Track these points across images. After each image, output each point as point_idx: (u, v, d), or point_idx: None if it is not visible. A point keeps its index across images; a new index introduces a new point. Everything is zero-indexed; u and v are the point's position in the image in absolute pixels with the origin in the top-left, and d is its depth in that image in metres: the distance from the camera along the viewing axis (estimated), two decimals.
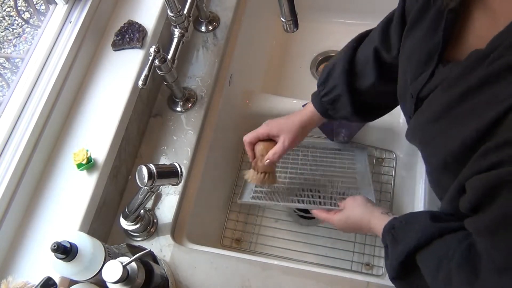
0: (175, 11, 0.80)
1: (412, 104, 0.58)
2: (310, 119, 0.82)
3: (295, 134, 0.82)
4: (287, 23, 0.70)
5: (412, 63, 0.57)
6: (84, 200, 0.73)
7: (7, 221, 0.70)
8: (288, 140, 0.82)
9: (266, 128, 0.84)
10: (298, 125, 0.82)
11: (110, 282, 0.59)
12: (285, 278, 0.74)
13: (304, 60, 1.29)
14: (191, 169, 0.88)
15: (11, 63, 1.43)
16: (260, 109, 1.09)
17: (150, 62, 0.75)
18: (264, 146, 0.84)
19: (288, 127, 0.82)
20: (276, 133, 0.83)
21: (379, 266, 0.95)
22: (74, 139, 0.80)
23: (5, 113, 0.75)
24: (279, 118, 0.85)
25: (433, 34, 0.53)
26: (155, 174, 0.65)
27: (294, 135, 0.82)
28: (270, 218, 1.04)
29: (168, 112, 0.93)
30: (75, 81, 0.83)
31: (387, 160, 1.07)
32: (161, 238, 0.80)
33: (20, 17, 1.82)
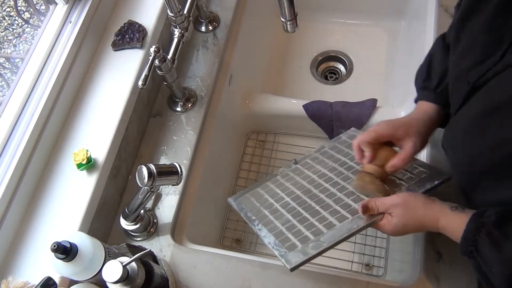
0: (175, 11, 0.80)
1: (464, 92, 0.55)
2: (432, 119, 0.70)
3: (425, 136, 0.70)
4: (287, 23, 0.70)
5: (476, 48, 0.55)
6: (84, 200, 0.73)
7: (7, 221, 0.70)
8: (419, 142, 0.68)
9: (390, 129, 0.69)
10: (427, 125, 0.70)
11: (110, 282, 0.59)
12: (285, 278, 0.74)
13: (304, 60, 1.29)
14: (191, 169, 0.88)
15: (11, 63, 1.43)
16: (260, 109, 1.09)
17: (150, 62, 0.75)
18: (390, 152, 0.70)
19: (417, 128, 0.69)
20: (403, 135, 0.69)
21: (379, 267, 0.95)
22: (74, 139, 0.80)
23: (5, 113, 0.75)
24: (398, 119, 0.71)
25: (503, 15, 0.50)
26: (155, 174, 0.65)
27: (423, 138, 0.69)
28: None
29: (168, 112, 0.93)
30: (75, 81, 0.83)
31: None
32: (161, 238, 0.80)
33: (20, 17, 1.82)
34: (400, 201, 0.64)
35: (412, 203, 0.64)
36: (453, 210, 0.60)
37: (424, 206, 0.63)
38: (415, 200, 0.64)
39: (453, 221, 0.59)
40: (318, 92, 1.22)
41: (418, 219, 0.63)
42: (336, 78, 1.26)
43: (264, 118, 1.10)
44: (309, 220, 0.71)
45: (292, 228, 0.71)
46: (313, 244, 0.66)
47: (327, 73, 1.28)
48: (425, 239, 0.75)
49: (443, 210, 0.61)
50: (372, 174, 0.69)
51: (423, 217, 0.62)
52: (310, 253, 0.65)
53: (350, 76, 1.24)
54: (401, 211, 0.64)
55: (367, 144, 0.70)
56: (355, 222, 0.67)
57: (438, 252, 0.74)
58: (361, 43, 1.28)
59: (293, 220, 0.72)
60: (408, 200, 0.64)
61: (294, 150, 1.10)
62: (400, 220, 0.63)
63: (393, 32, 1.26)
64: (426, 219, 0.62)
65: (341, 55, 1.27)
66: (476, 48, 0.55)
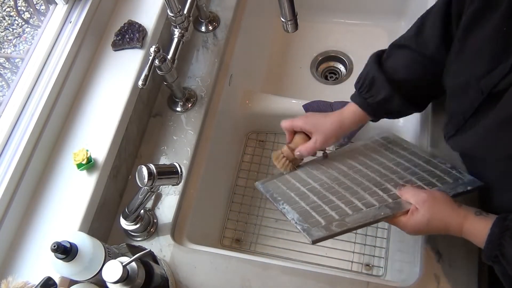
0: (175, 11, 0.80)
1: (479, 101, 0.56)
2: (350, 118, 0.79)
3: (329, 135, 0.80)
4: (287, 23, 0.70)
5: (483, 56, 0.55)
6: (84, 200, 0.73)
7: (7, 221, 0.70)
8: (319, 141, 0.79)
9: (302, 122, 0.81)
10: (334, 126, 0.80)
11: (110, 282, 0.59)
12: (285, 278, 0.74)
13: (304, 60, 1.29)
14: (191, 169, 0.88)
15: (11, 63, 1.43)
16: (260, 109, 1.09)
17: (150, 62, 0.75)
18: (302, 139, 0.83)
19: (323, 127, 0.80)
20: (309, 130, 0.81)
21: (379, 267, 0.95)
22: (74, 139, 0.80)
23: (5, 113, 0.75)
24: (319, 115, 0.83)
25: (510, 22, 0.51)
26: (155, 174, 0.65)
27: (327, 137, 0.80)
28: (270, 218, 1.04)
29: (168, 112, 0.93)
30: (75, 81, 0.83)
31: None
32: (161, 238, 0.80)
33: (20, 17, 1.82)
34: (429, 197, 0.65)
35: (441, 202, 0.64)
36: (477, 215, 0.60)
37: (451, 207, 0.63)
38: (444, 199, 0.64)
39: (477, 225, 0.59)
40: (318, 92, 1.22)
41: (443, 219, 0.63)
42: (336, 78, 1.26)
43: (264, 118, 1.10)
44: (334, 202, 0.71)
45: (317, 208, 0.71)
46: (337, 223, 0.66)
47: (327, 73, 1.28)
48: (425, 239, 0.75)
49: (468, 214, 0.61)
50: (281, 153, 0.83)
51: (448, 218, 0.62)
52: (334, 230, 0.65)
53: (350, 76, 1.24)
54: (428, 207, 0.64)
55: (286, 129, 0.83)
56: (382, 210, 0.67)
57: (438, 252, 0.74)
58: (361, 43, 1.28)
59: (319, 201, 0.72)
60: (438, 198, 0.65)
61: None
62: (425, 216, 0.63)
63: (393, 32, 1.26)
64: (451, 221, 0.62)
65: (341, 55, 1.28)
66: (484, 56, 0.55)
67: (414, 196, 0.66)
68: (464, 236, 0.62)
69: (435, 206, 0.64)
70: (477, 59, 0.57)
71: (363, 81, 0.77)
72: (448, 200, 0.65)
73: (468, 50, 0.60)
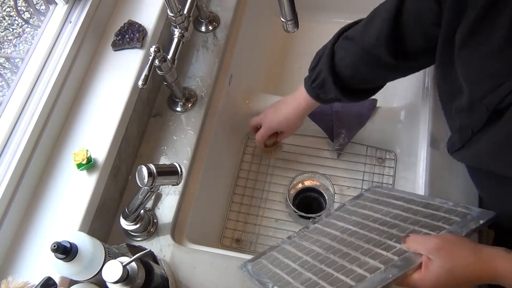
0: (175, 11, 0.80)
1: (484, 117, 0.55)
2: (306, 108, 0.89)
3: (295, 128, 0.96)
4: (287, 23, 0.70)
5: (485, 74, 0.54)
6: (84, 200, 0.73)
7: (7, 221, 0.70)
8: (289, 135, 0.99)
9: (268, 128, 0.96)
10: (297, 120, 0.92)
11: (110, 282, 0.59)
12: None
13: (304, 60, 1.29)
14: (191, 169, 0.88)
15: (11, 63, 1.43)
16: (260, 109, 1.09)
17: (150, 62, 0.75)
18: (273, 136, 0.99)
19: (288, 124, 0.94)
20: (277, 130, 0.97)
21: None
22: (74, 139, 0.80)
23: (5, 113, 0.75)
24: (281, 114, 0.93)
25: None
26: (155, 174, 0.65)
27: (293, 130, 0.97)
28: (270, 218, 1.04)
29: (168, 112, 0.93)
30: (75, 81, 0.83)
31: (387, 160, 1.07)
32: (161, 238, 0.80)
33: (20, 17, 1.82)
34: (442, 242, 0.54)
35: (458, 245, 0.54)
36: (510, 253, 0.53)
37: (473, 250, 0.54)
38: (461, 242, 0.55)
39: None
40: None
41: (469, 266, 0.53)
42: None
43: None
44: (333, 275, 0.60)
45: (314, 285, 0.60)
46: None
47: None
48: None
49: (498, 253, 0.53)
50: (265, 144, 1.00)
51: (475, 263, 0.53)
52: None
53: None
54: (445, 255, 0.53)
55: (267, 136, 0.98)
56: (389, 272, 0.56)
57: None
58: None
59: (314, 277, 0.61)
60: (453, 241, 0.55)
61: (294, 150, 1.10)
62: (444, 266, 0.52)
63: None
64: (479, 267, 0.53)
65: None
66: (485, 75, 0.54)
67: (423, 245, 0.55)
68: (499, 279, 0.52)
69: (453, 251, 0.53)
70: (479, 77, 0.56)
71: (315, 78, 0.82)
72: (465, 242, 0.55)
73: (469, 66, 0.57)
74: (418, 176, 0.85)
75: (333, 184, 1.02)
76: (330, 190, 1.01)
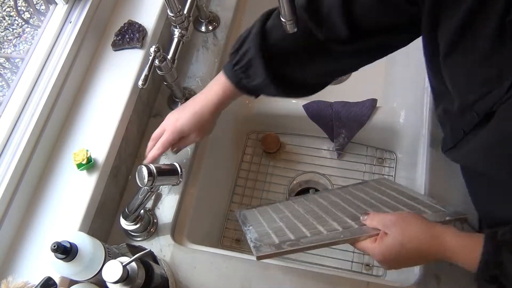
0: (175, 11, 0.80)
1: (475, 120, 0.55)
2: (222, 99, 0.74)
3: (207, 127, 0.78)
4: (287, 23, 0.70)
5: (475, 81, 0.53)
6: (84, 200, 0.73)
7: (7, 221, 0.70)
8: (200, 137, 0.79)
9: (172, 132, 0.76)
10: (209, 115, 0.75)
11: (110, 282, 0.59)
12: (285, 278, 0.74)
13: None
14: (191, 169, 0.88)
15: (11, 63, 1.43)
16: (260, 109, 1.09)
17: (150, 62, 0.75)
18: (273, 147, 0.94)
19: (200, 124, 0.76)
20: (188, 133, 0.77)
21: (379, 267, 0.95)
22: (74, 139, 0.80)
23: (5, 113, 0.75)
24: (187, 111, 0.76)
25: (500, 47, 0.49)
26: (155, 173, 0.65)
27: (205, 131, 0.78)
28: None
29: (168, 112, 0.93)
30: (75, 81, 0.83)
31: (387, 160, 1.07)
32: (161, 238, 0.80)
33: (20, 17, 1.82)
34: (398, 218, 0.58)
35: (413, 221, 0.57)
36: (458, 232, 0.55)
37: (427, 226, 0.57)
38: (416, 218, 0.58)
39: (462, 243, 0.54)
40: (318, 92, 1.22)
41: (419, 240, 0.55)
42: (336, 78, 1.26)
43: (264, 118, 1.10)
44: (297, 227, 0.69)
45: (278, 231, 0.69)
46: (290, 243, 0.63)
47: None
48: None
49: (448, 230, 0.55)
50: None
51: (425, 238, 0.55)
52: (283, 248, 0.62)
53: (350, 76, 1.24)
54: (398, 229, 0.57)
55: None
56: (342, 233, 0.63)
57: None
58: None
59: (283, 226, 0.71)
60: (408, 218, 0.58)
61: (294, 150, 1.10)
62: (396, 238, 0.56)
63: None
64: (429, 242, 0.55)
65: None
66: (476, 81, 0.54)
67: (381, 221, 0.59)
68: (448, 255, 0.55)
69: (407, 226, 0.57)
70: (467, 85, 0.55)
71: (239, 59, 0.69)
72: (419, 219, 0.58)
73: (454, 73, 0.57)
74: (418, 176, 0.85)
75: (333, 184, 1.02)
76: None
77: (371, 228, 0.61)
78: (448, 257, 0.55)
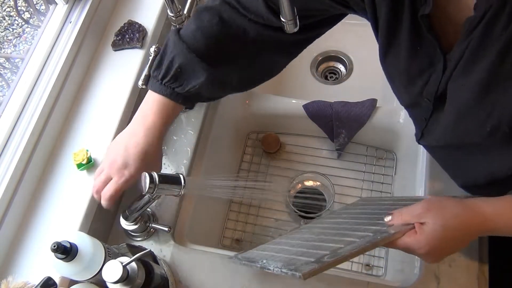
0: (175, 11, 0.80)
1: (430, 105, 0.59)
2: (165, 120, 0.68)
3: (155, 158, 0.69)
4: (287, 23, 0.70)
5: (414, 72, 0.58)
6: (84, 200, 0.73)
7: (7, 221, 0.70)
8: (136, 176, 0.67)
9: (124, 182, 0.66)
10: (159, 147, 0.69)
11: (110, 282, 0.59)
12: (285, 279, 0.74)
13: (304, 60, 1.29)
14: (191, 169, 0.88)
15: (11, 63, 1.43)
16: (260, 109, 1.09)
17: (150, 62, 0.75)
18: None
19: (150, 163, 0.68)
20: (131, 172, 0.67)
21: (379, 267, 0.95)
22: (74, 139, 0.80)
23: (5, 113, 0.75)
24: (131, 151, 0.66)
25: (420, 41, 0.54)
26: (157, 182, 0.63)
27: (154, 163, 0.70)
28: (270, 218, 1.04)
29: None
30: (75, 81, 0.83)
31: (387, 160, 1.07)
32: (161, 238, 0.80)
33: (20, 17, 1.82)
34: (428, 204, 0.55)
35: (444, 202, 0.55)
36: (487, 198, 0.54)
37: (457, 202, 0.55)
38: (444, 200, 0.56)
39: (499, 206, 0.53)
40: (318, 92, 1.22)
41: (458, 216, 0.53)
42: (336, 78, 1.26)
43: (264, 118, 1.10)
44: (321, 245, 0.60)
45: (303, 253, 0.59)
46: (329, 256, 0.55)
47: (327, 73, 1.28)
48: None
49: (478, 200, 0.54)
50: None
51: (463, 212, 0.53)
52: (326, 261, 0.53)
53: (350, 76, 1.24)
54: (434, 213, 0.54)
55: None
56: (378, 235, 0.57)
57: None
58: (361, 43, 1.28)
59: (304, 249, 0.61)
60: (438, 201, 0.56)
61: (294, 150, 1.10)
62: (437, 223, 0.53)
63: None
64: (467, 213, 0.53)
65: (341, 55, 1.27)
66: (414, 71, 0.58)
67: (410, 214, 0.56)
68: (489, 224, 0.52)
69: (441, 208, 0.54)
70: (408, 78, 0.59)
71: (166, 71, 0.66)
72: (447, 198, 0.56)
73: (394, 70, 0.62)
74: (418, 176, 0.85)
75: (333, 184, 1.02)
76: (330, 190, 1.01)
77: (401, 225, 0.56)
78: (491, 227, 0.53)
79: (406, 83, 0.61)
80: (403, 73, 0.60)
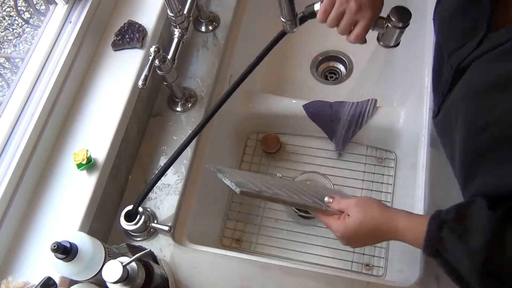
0: (175, 11, 0.80)
1: (449, 77, 0.57)
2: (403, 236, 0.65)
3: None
4: (287, 23, 0.70)
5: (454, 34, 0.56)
6: (84, 200, 0.73)
7: (7, 221, 0.70)
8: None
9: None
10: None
11: (110, 282, 0.59)
12: (285, 278, 0.74)
13: (304, 60, 1.29)
14: (191, 169, 0.88)
15: (11, 63, 1.43)
16: (260, 109, 1.09)
17: (150, 62, 0.75)
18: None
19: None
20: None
21: (379, 267, 0.95)
22: (74, 139, 0.80)
23: (5, 113, 0.75)
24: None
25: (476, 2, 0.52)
26: None
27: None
28: (270, 218, 1.04)
29: (168, 112, 0.93)
30: (75, 81, 0.83)
31: (387, 160, 1.07)
32: (161, 238, 0.80)
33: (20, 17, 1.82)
34: (358, 201, 0.65)
35: (371, 204, 0.64)
36: (409, 213, 0.61)
37: (382, 208, 0.64)
38: (374, 203, 0.65)
39: (412, 223, 0.59)
40: (318, 92, 1.22)
41: (375, 220, 0.62)
42: (336, 78, 1.26)
43: (264, 118, 1.10)
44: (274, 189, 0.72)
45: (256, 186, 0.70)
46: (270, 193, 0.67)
47: (327, 73, 1.28)
48: None
49: (400, 213, 0.62)
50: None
51: (380, 218, 0.62)
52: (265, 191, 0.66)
53: (350, 76, 1.24)
54: (359, 209, 0.64)
55: None
56: (314, 203, 0.69)
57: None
58: None
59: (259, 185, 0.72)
60: (367, 202, 0.65)
61: (294, 150, 1.11)
62: (357, 217, 0.63)
63: None
64: (383, 221, 0.62)
65: (341, 55, 1.28)
66: (456, 31, 0.56)
67: (345, 204, 0.66)
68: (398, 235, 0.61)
69: (365, 208, 0.64)
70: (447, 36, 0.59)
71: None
72: (377, 202, 0.65)
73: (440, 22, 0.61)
74: (418, 176, 0.85)
75: (333, 184, 1.02)
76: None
77: (336, 209, 0.67)
78: (400, 236, 0.61)
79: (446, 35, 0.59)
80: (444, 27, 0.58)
